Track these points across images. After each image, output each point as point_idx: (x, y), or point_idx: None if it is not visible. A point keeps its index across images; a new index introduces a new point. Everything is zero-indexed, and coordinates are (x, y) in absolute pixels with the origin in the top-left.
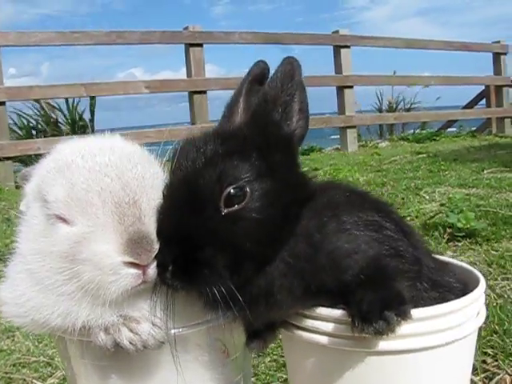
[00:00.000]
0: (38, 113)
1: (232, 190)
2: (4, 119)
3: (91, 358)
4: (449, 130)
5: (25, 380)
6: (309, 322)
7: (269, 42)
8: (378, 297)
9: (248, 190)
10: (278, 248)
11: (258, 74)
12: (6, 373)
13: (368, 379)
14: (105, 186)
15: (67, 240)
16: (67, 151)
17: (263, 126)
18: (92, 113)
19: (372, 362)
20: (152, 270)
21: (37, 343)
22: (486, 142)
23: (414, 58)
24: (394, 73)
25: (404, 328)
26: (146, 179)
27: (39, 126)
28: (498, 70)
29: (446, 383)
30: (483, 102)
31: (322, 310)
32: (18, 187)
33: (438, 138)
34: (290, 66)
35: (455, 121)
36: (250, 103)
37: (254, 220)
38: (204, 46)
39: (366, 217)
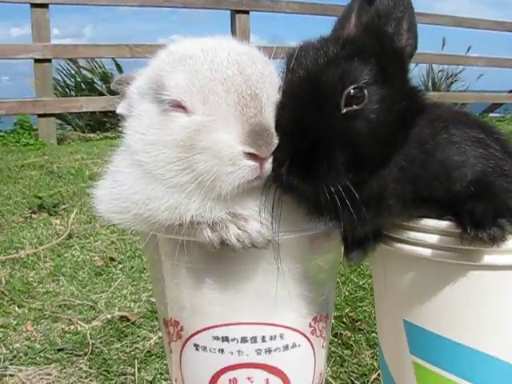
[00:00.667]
0: (75, 72)
1: (352, 90)
2: (49, 76)
3: (187, 261)
4: (491, 114)
5: (70, 320)
6: (412, 234)
7: (316, 12)
8: (490, 206)
9: (366, 92)
10: (393, 152)
11: None
12: (53, 312)
13: (469, 294)
14: (228, 78)
15: (186, 128)
16: (183, 46)
17: (378, 37)
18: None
19: (475, 277)
20: (268, 165)
21: (80, 288)
22: None
23: (462, 38)
24: (443, 43)
25: (510, 243)
26: (265, 76)
27: (75, 86)
28: None
29: None
30: None
31: (428, 222)
32: (59, 142)
33: None
34: None
35: (500, 104)
36: (361, 19)
37: (372, 121)
38: (250, 13)
39: (473, 133)
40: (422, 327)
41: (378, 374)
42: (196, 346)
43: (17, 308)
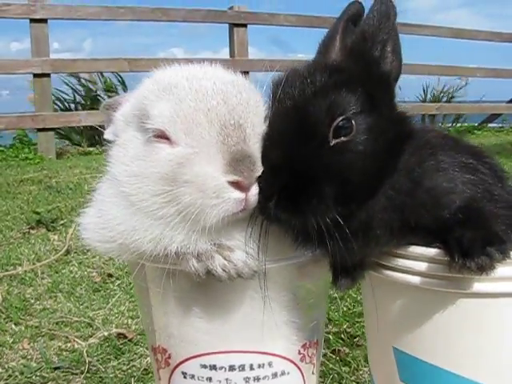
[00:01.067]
0: (76, 87)
1: (341, 122)
2: (48, 91)
3: (174, 289)
4: (489, 125)
5: (67, 338)
6: (401, 262)
7: (313, 25)
8: (479, 234)
9: (354, 123)
10: (381, 182)
11: (354, 14)
12: (50, 330)
13: (457, 322)
14: (212, 108)
15: (169, 161)
16: (169, 75)
17: (364, 62)
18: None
19: (463, 304)
20: (253, 197)
21: (78, 304)
22: None
23: (460, 49)
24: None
25: (501, 270)
26: (250, 106)
27: (77, 100)
28: None
29: None
30: None
31: (416, 249)
32: (58, 157)
33: (479, 132)
34: (385, 7)
35: (499, 115)
36: (346, 42)
37: (361, 152)
38: (248, 26)
39: (462, 158)
40: (411, 354)
41: None
42: (184, 374)
43: (13, 325)
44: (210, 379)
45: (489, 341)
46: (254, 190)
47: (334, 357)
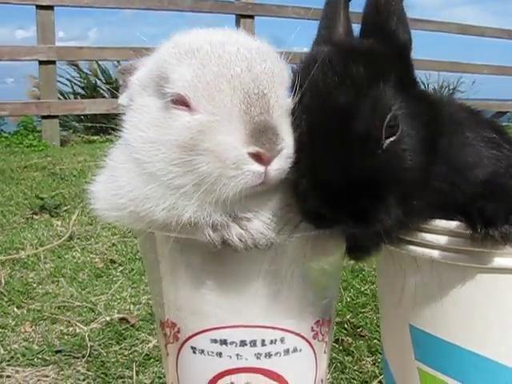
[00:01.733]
0: (75, 78)
1: (390, 121)
2: (53, 78)
3: (185, 261)
4: None
5: (69, 322)
6: (420, 236)
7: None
8: (502, 204)
9: (398, 119)
10: (429, 171)
11: None
12: (52, 314)
13: (477, 298)
14: (235, 75)
15: (188, 128)
16: (190, 38)
17: (383, 36)
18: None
19: (484, 280)
20: (273, 172)
21: (80, 290)
22: None
23: (467, 46)
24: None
25: None
26: (274, 75)
27: (76, 91)
28: None
29: None
30: None
31: (437, 223)
32: (62, 144)
33: None
34: None
35: (505, 113)
36: (347, 15)
37: (411, 150)
38: (255, 18)
39: (486, 134)
40: (428, 332)
41: (379, 381)
42: (193, 348)
43: (16, 309)
44: (219, 354)
45: (509, 318)
46: (275, 164)
47: (337, 346)
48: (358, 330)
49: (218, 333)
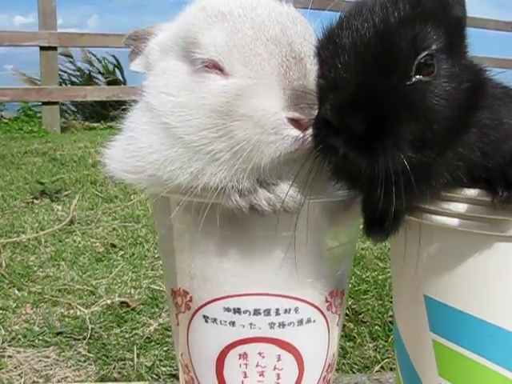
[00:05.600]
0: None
1: (425, 58)
2: (55, 64)
3: (200, 226)
4: None
5: (70, 305)
6: (437, 203)
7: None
8: None
9: (436, 62)
10: (456, 135)
11: None
12: (53, 296)
13: (495, 268)
14: (271, 38)
15: (224, 92)
16: (218, 2)
17: (440, 3)
18: (120, 69)
19: (505, 249)
20: (309, 137)
21: (81, 273)
22: None
23: (469, 38)
24: None
25: None
26: (306, 39)
27: (73, 79)
28: None
29: None
30: None
31: (455, 190)
32: (63, 131)
33: None
34: None
35: None
36: None
37: (441, 97)
38: None
39: None
40: (445, 303)
41: (381, 367)
42: (205, 317)
43: (16, 291)
44: (233, 323)
45: None
46: (310, 129)
47: None
48: (360, 316)
49: (231, 301)
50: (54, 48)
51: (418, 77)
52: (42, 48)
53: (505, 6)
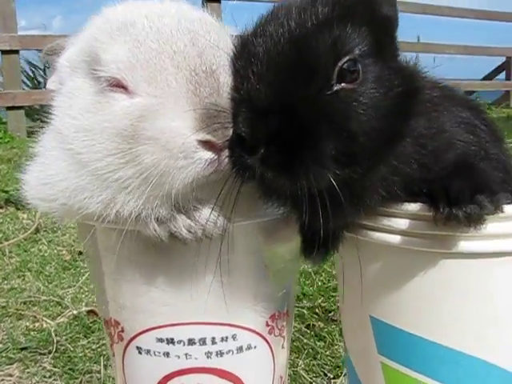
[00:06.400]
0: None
1: (347, 63)
2: (17, 68)
3: (127, 254)
4: None
5: (35, 317)
6: (378, 220)
7: None
8: (468, 183)
9: (360, 67)
10: (386, 147)
11: None
12: (17, 309)
13: (440, 286)
14: (178, 50)
15: (127, 114)
16: (123, 12)
17: (365, 2)
18: None
19: (450, 266)
20: (226, 158)
21: (47, 283)
22: (504, 114)
23: (434, 26)
24: (418, 39)
25: (491, 227)
26: (221, 49)
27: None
28: None
29: None
30: (503, 75)
31: (395, 205)
32: (29, 136)
33: None
34: None
35: (472, 92)
36: None
37: (368, 105)
38: (222, 1)
39: (462, 114)
40: (390, 324)
41: None
42: (139, 348)
43: None
44: (167, 354)
45: (475, 306)
46: (225, 149)
47: (308, 332)
48: (330, 314)
49: (164, 331)
50: (16, 51)
51: (340, 85)
52: (4, 52)
53: None
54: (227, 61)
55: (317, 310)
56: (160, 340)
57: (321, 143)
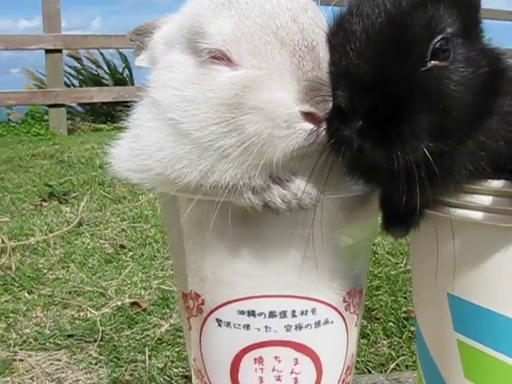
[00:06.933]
0: (80, 67)
1: (440, 42)
2: (60, 67)
3: (212, 225)
4: None
5: (80, 307)
6: (461, 196)
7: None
8: None
9: (451, 47)
10: (476, 123)
11: None
12: (63, 298)
13: None
14: (281, 26)
15: (232, 84)
16: None
17: None
18: (129, 69)
19: None
20: (324, 130)
21: (90, 275)
22: None
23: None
24: None
25: None
26: (318, 25)
27: (82, 79)
28: None
29: None
30: None
31: (481, 182)
32: (69, 133)
33: None
34: None
35: None
36: None
37: (459, 82)
38: None
39: None
40: (470, 301)
41: (397, 364)
42: (219, 321)
43: (26, 294)
44: (247, 327)
45: None
46: (324, 121)
47: None
48: (373, 312)
49: (245, 303)
50: (59, 51)
51: (433, 62)
52: (48, 51)
53: None
54: (324, 38)
55: None
56: (241, 312)
57: (416, 117)
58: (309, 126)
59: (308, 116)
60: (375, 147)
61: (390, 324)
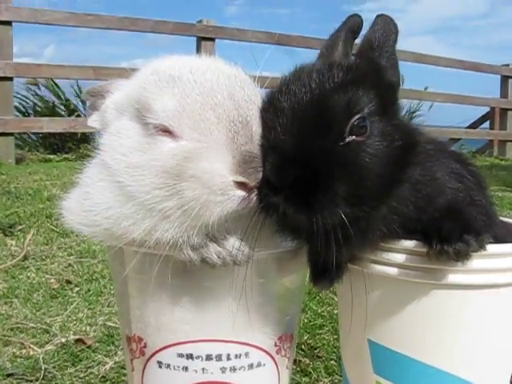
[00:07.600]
0: (35, 95)
1: (357, 120)
2: (10, 95)
3: (154, 276)
4: None
5: (22, 344)
6: (379, 254)
7: (281, 43)
8: (458, 224)
9: (368, 124)
10: (388, 191)
11: (354, 26)
12: (4, 336)
13: (431, 313)
14: (219, 103)
15: (174, 155)
16: (169, 65)
17: (373, 68)
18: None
19: (438, 296)
20: (255, 196)
21: (34, 311)
22: (488, 162)
23: (421, 74)
24: (403, 79)
25: (475, 262)
26: (253, 101)
27: (37, 109)
28: (504, 93)
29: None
30: (487, 124)
31: (395, 242)
32: (17, 162)
33: None
34: (389, 20)
35: (457, 140)
36: (347, 50)
37: (374, 155)
38: (216, 40)
39: (452, 166)
40: (386, 346)
41: None
42: (159, 363)
43: None
44: (186, 368)
45: (464, 332)
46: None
47: (294, 367)
48: (316, 351)
49: (184, 347)
50: (10, 78)
51: (351, 137)
52: None
53: (457, 46)
54: (257, 112)
55: (303, 347)
56: (180, 355)
57: (333, 186)
58: (241, 193)
59: (241, 185)
60: (298, 212)
61: (332, 362)
